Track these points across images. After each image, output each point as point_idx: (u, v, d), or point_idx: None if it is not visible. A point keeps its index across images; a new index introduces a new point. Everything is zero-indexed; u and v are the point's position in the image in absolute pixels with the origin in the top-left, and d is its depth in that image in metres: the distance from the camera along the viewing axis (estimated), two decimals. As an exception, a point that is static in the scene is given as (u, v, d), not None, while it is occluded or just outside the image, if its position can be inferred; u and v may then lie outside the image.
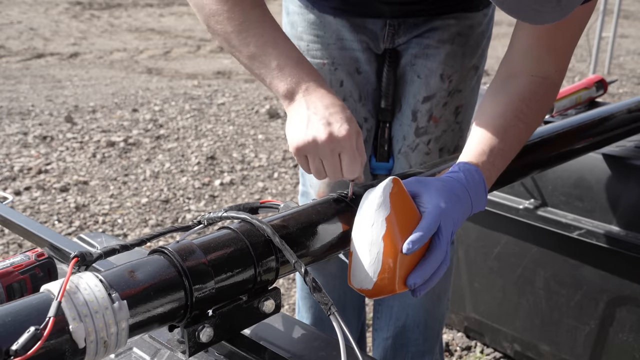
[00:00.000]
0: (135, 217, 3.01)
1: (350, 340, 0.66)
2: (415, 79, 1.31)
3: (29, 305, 0.61)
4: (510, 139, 0.98)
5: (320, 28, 1.31)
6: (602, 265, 1.63)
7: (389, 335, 1.53)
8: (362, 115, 1.36)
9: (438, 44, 1.28)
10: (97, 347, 0.61)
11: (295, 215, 0.82)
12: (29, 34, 7.29)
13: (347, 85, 1.33)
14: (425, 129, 1.33)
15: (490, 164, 0.94)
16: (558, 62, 1.02)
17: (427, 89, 1.30)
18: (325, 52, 1.32)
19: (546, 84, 1.02)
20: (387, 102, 1.35)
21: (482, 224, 1.86)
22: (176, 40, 7.43)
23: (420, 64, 1.30)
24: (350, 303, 1.57)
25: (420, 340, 1.51)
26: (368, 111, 1.37)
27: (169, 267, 0.68)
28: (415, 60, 1.30)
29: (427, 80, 1.30)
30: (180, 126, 4.29)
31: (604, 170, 1.57)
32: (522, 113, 0.99)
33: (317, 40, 1.32)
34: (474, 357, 2.04)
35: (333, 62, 1.32)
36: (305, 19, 1.32)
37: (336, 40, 1.31)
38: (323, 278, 1.53)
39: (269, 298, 0.76)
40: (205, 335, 0.70)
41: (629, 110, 1.44)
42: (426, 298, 1.47)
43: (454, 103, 1.33)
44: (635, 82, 5.76)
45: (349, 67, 1.32)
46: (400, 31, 1.29)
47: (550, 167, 1.30)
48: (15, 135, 3.98)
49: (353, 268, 0.80)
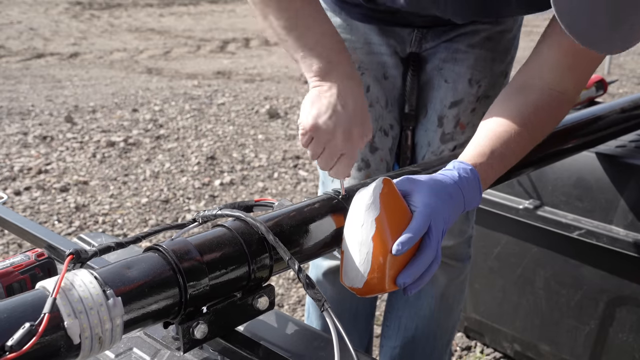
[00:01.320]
0: (135, 217, 3.01)
1: (344, 338, 0.66)
2: (442, 84, 1.28)
3: (24, 302, 0.61)
4: (513, 146, 0.97)
5: (348, 32, 1.27)
6: (602, 265, 1.62)
7: (397, 344, 1.51)
8: (389, 122, 1.32)
9: (467, 48, 1.24)
10: (92, 343, 0.61)
11: (289, 213, 0.82)
12: (29, 34, 7.30)
13: (373, 91, 1.30)
14: (452, 135, 1.30)
15: (488, 166, 0.93)
16: (579, 80, 1.02)
17: (455, 94, 1.27)
18: (353, 56, 1.26)
19: (562, 99, 1.01)
20: (410, 107, 1.31)
21: (482, 224, 1.85)
22: (176, 40, 7.44)
23: (448, 69, 1.26)
24: (363, 313, 1.55)
25: (428, 350, 1.50)
26: (394, 118, 1.33)
27: (163, 264, 0.68)
28: (443, 64, 1.27)
29: (455, 85, 1.26)
30: (180, 126, 4.30)
31: (604, 170, 1.57)
32: (530, 123, 0.98)
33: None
34: (474, 357, 2.04)
35: (360, 66, 1.28)
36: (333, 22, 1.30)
37: (364, 44, 1.27)
38: (335, 289, 1.50)
39: (263, 295, 0.76)
40: (199, 332, 0.71)
41: (622, 109, 1.44)
42: (439, 311, 1.46)
43: (482, 109, 1.28)
44: (635, 82, 5.76)
45: (376, 72, 1.29)
46: (428, 36, 1.26)
47: (544, 165, 1.30)
48: (15, 135, 3.99)
49: (345, 266, 0.81)
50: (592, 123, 1.36)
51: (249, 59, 6.53)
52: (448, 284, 1.43)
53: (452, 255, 1.41)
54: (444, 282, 1.43)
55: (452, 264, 1.42)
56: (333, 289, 1.50)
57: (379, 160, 1.33)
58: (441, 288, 1.44)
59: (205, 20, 8.84)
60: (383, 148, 1.33)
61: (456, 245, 1.39)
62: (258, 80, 5.67)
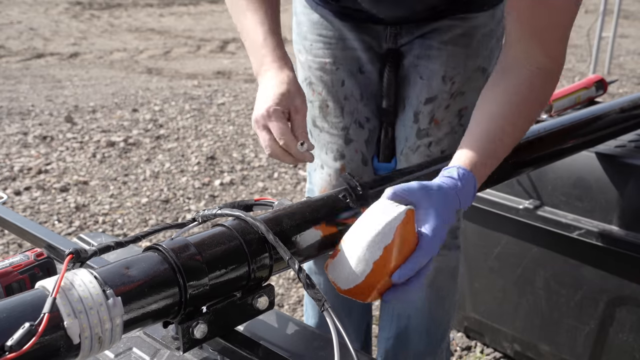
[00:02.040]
0: (135, 217, 3.01)
1: (344, 338, 0.66)
2: (417, 80, 1.30)
3: (24, 302, 0.61)
4: (507, 139, 0.99)
5: (323, 27, 1.32)
6: (602, 265, 1.62)
7: (391, 335, 1.53)
8: (364, 115, 1.35)
9: (440, 45, 1.26)
10: (92, 343, 0.61)
11: (289, 212, 0.82)
12: (29, 34, 7.30)
13: (348, 85, 1.33)
14: (427, 131, 1.32)
15: (483, 165, 0.95)
16: (548, 49, 1.01)
17: (429, 90, 1.29)
18: (328, 51, 1.32)
19: (542, 74, 1.01)
20: (388, 102, 1.34)
21: (482, 224, 1.85)
22: (176, 40, 7.44)
23: (422, 65, 1.29)
24: (357, 307, 1.56)
25: (421, 342, 1.50)
26: (371, 111, 1.36)
27: (163, 263, 0.68)
28: (417, 61, 1.29)
29: (429, 82, 1.28)
30: (180, 126, 4.30)
31: (603, 170, 1.57)
32: (519, 111, 0.99)
33: (319, 39, 1.33)
34: (474, 357, 2.04)
35: (334, 61, 1.32)
36: (310, 19, 1.34)
37: (338, 40, 1.31)
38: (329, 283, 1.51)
39: (262, 294, 0.76)
40: (199, 332, 0.71)
41: (622, 109, 1.44)
42: (429, 301, 1.46)
43: (456, 105, 1.31)
44: (635, 82, 5.76)
45: (350, 66, 1.32)
46: (402, 32, 1.28)
47: (543, 165, 1.30)
48: (15, 135, 3.99)
49: (335, 262, 0.80)
50: (592, 123, 1.36)
51: (249, 59, 6.53)
52: (435, 273, 1.43)
53: None
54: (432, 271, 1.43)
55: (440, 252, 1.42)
56: (326, 280, 1.51)
57: (353, 152, 1.37)
58: (428, 277, 1.44)
59: (205, 20, 8.84)
60: (358, 140, 1.36)
61: None
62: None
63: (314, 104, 1.38)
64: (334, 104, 1.35)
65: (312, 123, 1.40)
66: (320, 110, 1.37)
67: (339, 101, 1.34)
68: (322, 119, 1.38)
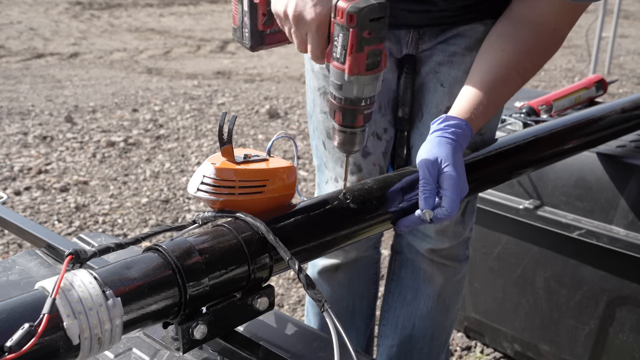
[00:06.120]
0: (135, 217, 3.01)
1: (344, 338, 0.66)
2: (438, 88, 1.25)
3: (24, 302, 0.61)
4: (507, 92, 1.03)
5: None
6: (602, 265, 1.62)
7: (394, 343, 1.51)
8: (382, 126, 1.30)
9: (464, 51, 1.21)
10: (91, 344, 0.61)
11: (290, 213, 0.82)
12: (29, 34, 7.30)
13: None
14: None
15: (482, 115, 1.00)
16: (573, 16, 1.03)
17: (451, 98, 1.22)
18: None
19: (556, 36, 1.02)
20: (404, 111, 1.29)
21: (482, 224, 1.85)
22: (176, 40, 7.44)
23: (444, 72, 1.24)
24: (360, 311, 1.55)
25: (425, 350, 1.50)
26: (388, 122, 1.31)
27: (163, 264, 0.68)
28: (439, 67, 1.24)
29: (451, 90, 1.23)
30: (180, 126, 4.30)
31: (604, 170, 1.56)
32: (523, 68, 1.01)
33: None
34: (474, 357, 2.04)
35: None
36: None
37: None
38: (330, 287, 1.51)
39: (262, 295, 0.76)
40: (199, 332, 0.71)
41: (622, 109, 1.44)
42: (436, 311, 1.46)
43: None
44: (635, 82, 5.76)
45: None
46: (425, 37, 1.23)
47: (544, 165, 1.30)
48: (15, 135, 3.98)
49: None
50: (593, 123, 1.36)
51: (249, 59, 6.53)
52: (445, 284, 1.43)
53: (449, 256, 1.41)
54: (441, 282, 1.43)
55: (449, 264, 1.42)
56: (330, 288, 1.51)
57: (371, 165, 1.32)
58: (439, 287, 1.44)
59: (205, 20, 8.83)
60: (375, 152, 1.32)
61: (452, 247, 1.39)
62: (258, 80, 5.66)
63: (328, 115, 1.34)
64: None
65: (326, 135, 1.33)
66: None
67: None
68: None
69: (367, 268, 1.52)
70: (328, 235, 0.84)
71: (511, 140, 1.17)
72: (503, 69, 1.01)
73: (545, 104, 1.77)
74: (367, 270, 1.53)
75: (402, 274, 1.47)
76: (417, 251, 1.41)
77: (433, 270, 1.42)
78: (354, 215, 0.88)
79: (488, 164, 1.11)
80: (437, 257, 1.40)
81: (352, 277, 1.50)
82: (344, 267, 1.48)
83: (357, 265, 1.50)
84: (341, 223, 0.86)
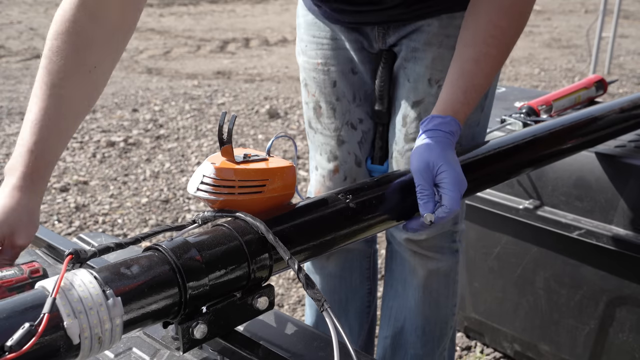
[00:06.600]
0: (135, 217, 3.01)
1: (344, 338, 0.66)
2: (405, 83, 1.28)
3: (24, 302, 0.61)
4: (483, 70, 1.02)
5: (317, 28, 1.32)
6: (602, 265, 1.62)
7: (388, 334, 1.53)
8: (357, 117, 1.35)
9: (425, 47, 1.24)
10: (92, 343, 0.61)
11: (290, 212, 0.82)
12: (29, 34, 7.30)
13: (340, 86, 1.32)
14: (414, 135, 1.28)
15: (465, 103, 1.01)
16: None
17: (416, 93, 1.26)
18: (320, 51, 1.32)
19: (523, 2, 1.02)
20: (381, 104, 1.32)
21: (482, 224, 1.85)
22: (176, 40, 7.44)
23: (409, 68, 1.27)
24: (353, 306, 1.56)
25: (418, 344, 1.50)
26: (364, 112, 1.35)
27: (163, 264, 0.68)
28: (406, 63, 1.27)
29: (416, 85, 1.26)
30: (180, 126, 4.30)
31: (603, 170, 1.56)
32: (492, 37, 1.00)
33: (313, 40, 1.33)
34: (474, 357, 2.04)
35: (326, 62, 1.32)
36: (305, 21, 1.35)
37: (330, 40, 1.31)
38: (322, 278, 1.53)
39: (262, 295, 0.76)
40: (199, 332, 0.71)
41: (621, 109, 1.44)
42: (424, 304, 1.46)
43: None
44: (635, 82, 5.76)
45: (342, 67, 1.32)
46: (390, 31, 1.27)
47: (543, 165, 1.30)
48: (15, 135, 3.98)
49: None
50: (592, 123, 1.36)
51: (249, 59, 6.53)
52: (428, 276, 1.42)
53: (429, 247, 1.40)
54: (424, 274, 1.42)
55: (430, 256, 1.40)
56: (321, 278, 1.52)
57: (346, 153, 1.37)
58: (420, 279, 1.43)
59: (205, 20, 8.84)
60: (350, 141, 1.36)
61: (432, 238, 1.38)
62: (258, 80, 5.66)
63: (308, 105, 1.39)
64: (326, 105, 1.35)
65: (307, 124, 1.41)
66: (314, 111, 1.37)
67: (331, 102, 1.34)
68: (316, 120, 1.38)
69: (359, 261, 1.54)
70: (328, 235, 0.84)
71: (510, 139, 1.17)
72: (470, 48, 1.02)
73: (545, 104, 1.77)
74: (359, 263, 1.54)
75: (393, 265, 1.49)
76: (399, 242, 1.42)
77: (415, 261, 1.42)
78: (353, 215, 0.88)
79: (487, 163, 1.11)
80: (416, 247, 1.39)
81: (343, 268, 1.52)
82: (336, 258, 1.51)
83: (350, 257, 1.52)
84: (341, 223, 0.86)
